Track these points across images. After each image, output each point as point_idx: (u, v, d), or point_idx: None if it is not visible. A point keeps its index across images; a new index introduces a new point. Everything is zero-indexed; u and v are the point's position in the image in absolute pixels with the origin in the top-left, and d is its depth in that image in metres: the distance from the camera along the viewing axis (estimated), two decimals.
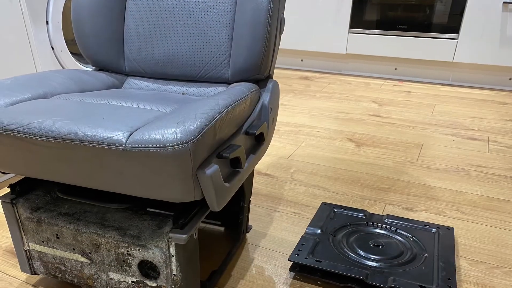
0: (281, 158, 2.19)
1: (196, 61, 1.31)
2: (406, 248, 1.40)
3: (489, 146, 2.38)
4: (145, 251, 1.04)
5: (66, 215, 1.11)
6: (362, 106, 3.11)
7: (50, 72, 1.24)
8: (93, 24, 1.34)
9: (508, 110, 3.05)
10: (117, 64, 1.40)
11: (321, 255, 1.34)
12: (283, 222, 1.62)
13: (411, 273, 1.27)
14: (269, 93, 1.27)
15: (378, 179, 1.97)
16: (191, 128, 0.84)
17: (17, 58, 1.86)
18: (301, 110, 3.01)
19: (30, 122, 0.90)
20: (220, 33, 1.27)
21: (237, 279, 1.33)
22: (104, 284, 1.15)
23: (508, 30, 3.38)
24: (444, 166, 2.12)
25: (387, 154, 2.25)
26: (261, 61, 1.23)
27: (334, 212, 1.60)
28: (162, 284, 1.07)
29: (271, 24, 1.19)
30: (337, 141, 2.42)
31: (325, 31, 3.98)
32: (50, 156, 0.91)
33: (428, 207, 1.74)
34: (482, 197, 1.82)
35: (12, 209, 1.15)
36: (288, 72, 4.22)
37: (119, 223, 1.08)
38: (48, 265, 1.20)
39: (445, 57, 3.65)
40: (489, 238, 1.54)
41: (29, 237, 1.17)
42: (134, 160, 0.84)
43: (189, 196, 0.90)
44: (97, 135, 0.85)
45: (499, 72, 3.60)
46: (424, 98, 3.33)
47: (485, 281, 1.33)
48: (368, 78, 3.99)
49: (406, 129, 2.63)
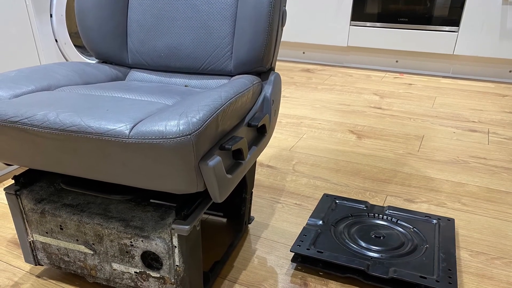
0: (283, 150, 2.20)
1: (199, 53, 1.31)
2: (407, 239, 1.41)
3: (489, 138, 2.39)
4: (148, 242, 1.04)
5: (69, 206, 1.12)
6: (363, 98, 3.11)
7: (53, 64, 1.25)
8: (97, 17, 1.35)
9: (508, 102, 3.05)
10: (120, 57, 1.40)
11: (323, 246, 1.35)
12: (285, 213, 1.63)
13: (412, 264, 1.28)
14: (271, 85, 1.28)
15: (379, 171, 1.98)
16: (193, 120, 0.84)
17: (21, 50, 1.86)
18: (303, 102, 3.01)
19: (34, 114, 0.90)
20: (223, 26, 1.27)
21: (240, 270, 1.34)
22: (107, 274, 1.16)
23: (508, 23, 3.37)
24: (445, 158, 2.12)
25: (388, 146, 2.26)
26: (263, 54, 1.23)
27: (335, 204, 1.61)
28: (165, 275, 1.08)
29: (273, 17, 1.19)
30: (338, 133, 2.43)
31: (326, 24, 3.98)
32: (54, 147, 0.91)
33: (428, 198, 1.75)
34: (483, 189, 1.83)
35: (16, 201, 1.16)
36: (290, 64, 4.21)
37: (122, 214, 1.09)
38: (52, 256, 1.21)
39: (445, 49, 3.65)
40: (490, 229, 1.55)
41: (33, 228, 1.18)
42: (137, 152, 0.85)
43: (192, 188, 0.90)
44: (101, 127, 0.85)
45: (499, 65, 3.60)
46: (424, 90, 3.33)
47: (486, 272, 1.34)
48: (369, 70, 3.98)
49: (407, 121, 2.64)
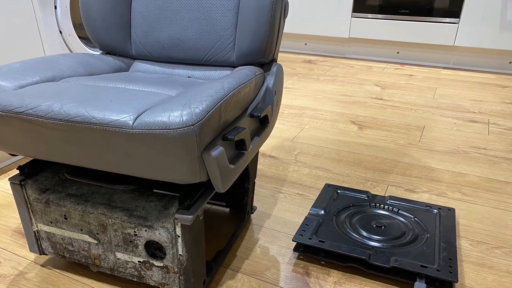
0: (285, 140, 2.20)
1: (202, 45, 1.31)
2: (408, 229, 1.42)
3: (489, 128, 2.39)
4: (152, 231, 1.05)
5: (74, 196, 1.13)
6: (364, 89, 3.11)
7: (58, 55, 1.25)
8: (101, 8, 1.35)
9: (508, 93, 3.05)
10: (124, 48, 1.40)
11: (325, 236, 1.36)
12: (287, 203, 1.64)
13: (413, 253, 1.29)
14: (274, 76, 1.28)
15: (381, 161, 1.99)
16: (196, 110, 0.85)
17: (26, 42, 1.86)
18: (305, 93, 3.01)
19: (38, 105, 0.91)
20: (225, 17, 1.27)
21: (242, 259, 1.35)
22: (111, 264, 1.17)
23: (508, 14, 3.36)
24: (445, 148, 2.13)
25: (389, 136, 2.26)
26: (266, 45, 1.23)
27: (337, 193, 1.62)
28: (168, 264, 1.09)
29: (276, 9, 1.20)
30: (340, 124, 2.43)
31: (328, 15, 3.97)
32: (58, 138, 0.92)
33: (429, 188, 1.76)
34: (483, 179, 1.84)
35: (21, 190, 1.17)
36: (292, 55, 4.21)
37: (126, 204, 1.09)
38: (56, 245, 1.22)
39: (446, 41, 3.64)
40: (490, 218, 1.56)
41: (38, 218, 1.19)
42: (140, 142, 0.85)
43: (195, 178, 0.91)
44: (105, 117, 0.86)
45: (499, 56, 3.59)
46: (425, 81, 3.33)
47: (486, 261, 1.35)
48: (370, 61, 3.98)
49: (408, 112, 2.64)
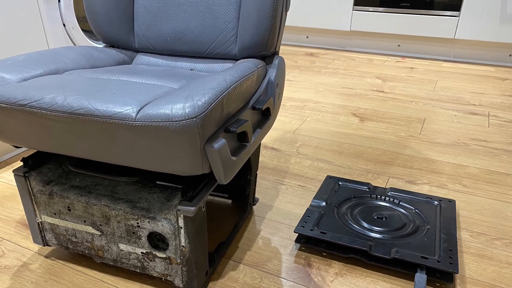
0: (287, 133, 2.21)
1: (204, 38, 1.31)
2: (409, 220, 1.43)
3: (489, 120, 2.40)
4: (155, 223, 1.06)
5: (77, 188, 1.14)
6: (366, 81, 3.11)
7: (61, 48, 1.26)
8: (104, 1, 1.35)
9: (508, 86, 3.05)
10: (127, 41, 1.41)
11: (326, 227, 1.37)
12: (289, 195, 1.65)
13: (414, 245, 1.30)
14: (275, 69, 1.28)
15: (382, 153, 1.99)
16: (199, 103, 0.85)
17: (30, 35, 1.87)
18: (307, 85, 3.01)
19: (42, 98, 0.91)
20: (228, 10, 1.28)
21: (244, 251, 1.36)
22: (114, 255, 1.18)
23: (508, 7, 3.35)
24: (446, 140, 2.13)
25: (390, 129, 2.27)
26: (268, 38, 1.24)
27: (338, 185, 1.63)
28: (171, 255, 1.10)
29: (277, 2, 1.20)
30: (341, 116, 2.44)
31: (330, 8, 3.96)
32: (62, 130, 0.93)
33: (430, 180, 1.76)
34: (483, 171, 1.84)
35: (24, 182, 1.17)
36: (293, 48, 4.21)
37: (129, 196, 1.10)
38: (59, 236, 1.23)
39: (446, 34, 3.64)
40: (490, 210, 1.57)
41: (41, 210, 1.20)
42: (143, 135, 0.86)
43: (197, 170, 0.92)
44: (108, 110, 0.86)
45: (499, 49, 3.59)
46: (426, 74, 3.33)
47: (486, 252, 1.36)
48: (371, 54, 3.97)
49: (408, 104, 2.64)
